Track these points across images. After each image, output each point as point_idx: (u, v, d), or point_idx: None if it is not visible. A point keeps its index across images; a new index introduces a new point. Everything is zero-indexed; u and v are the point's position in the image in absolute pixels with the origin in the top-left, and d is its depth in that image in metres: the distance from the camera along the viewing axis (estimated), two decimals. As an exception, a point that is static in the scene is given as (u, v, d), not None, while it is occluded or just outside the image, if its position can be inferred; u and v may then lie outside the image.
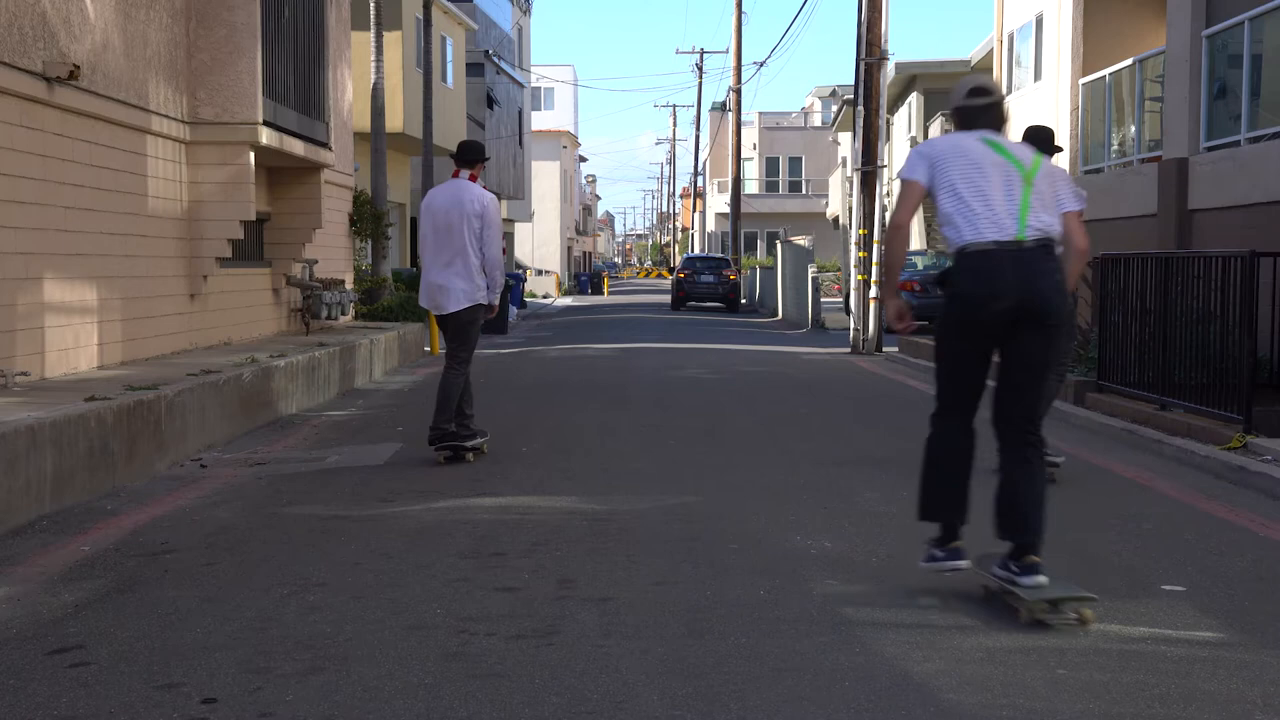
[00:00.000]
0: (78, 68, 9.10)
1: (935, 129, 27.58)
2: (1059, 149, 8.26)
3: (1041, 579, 4.88)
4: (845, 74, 56.30)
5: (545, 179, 59.47)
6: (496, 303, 8.50)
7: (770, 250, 53.68)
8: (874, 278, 19.22)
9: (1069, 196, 5.30)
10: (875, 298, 19.25)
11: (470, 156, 8.47)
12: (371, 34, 22.90)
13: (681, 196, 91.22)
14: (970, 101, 5.21)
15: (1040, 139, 7.93)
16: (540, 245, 58.84)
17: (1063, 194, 5.23)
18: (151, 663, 4.24)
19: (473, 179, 8.48)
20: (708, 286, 37.25)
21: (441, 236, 8.33)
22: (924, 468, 5.20)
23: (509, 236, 48.62)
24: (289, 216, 14.29)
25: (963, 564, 5.11)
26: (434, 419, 8.30)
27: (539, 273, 49.03)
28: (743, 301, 39.73)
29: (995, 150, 5.04)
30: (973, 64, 28.12)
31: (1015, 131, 9.57)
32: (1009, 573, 4.94)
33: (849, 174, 30.03)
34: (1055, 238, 5.02)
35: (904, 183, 5.18)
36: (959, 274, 4.99)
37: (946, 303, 5.11)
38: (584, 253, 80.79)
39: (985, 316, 4.94)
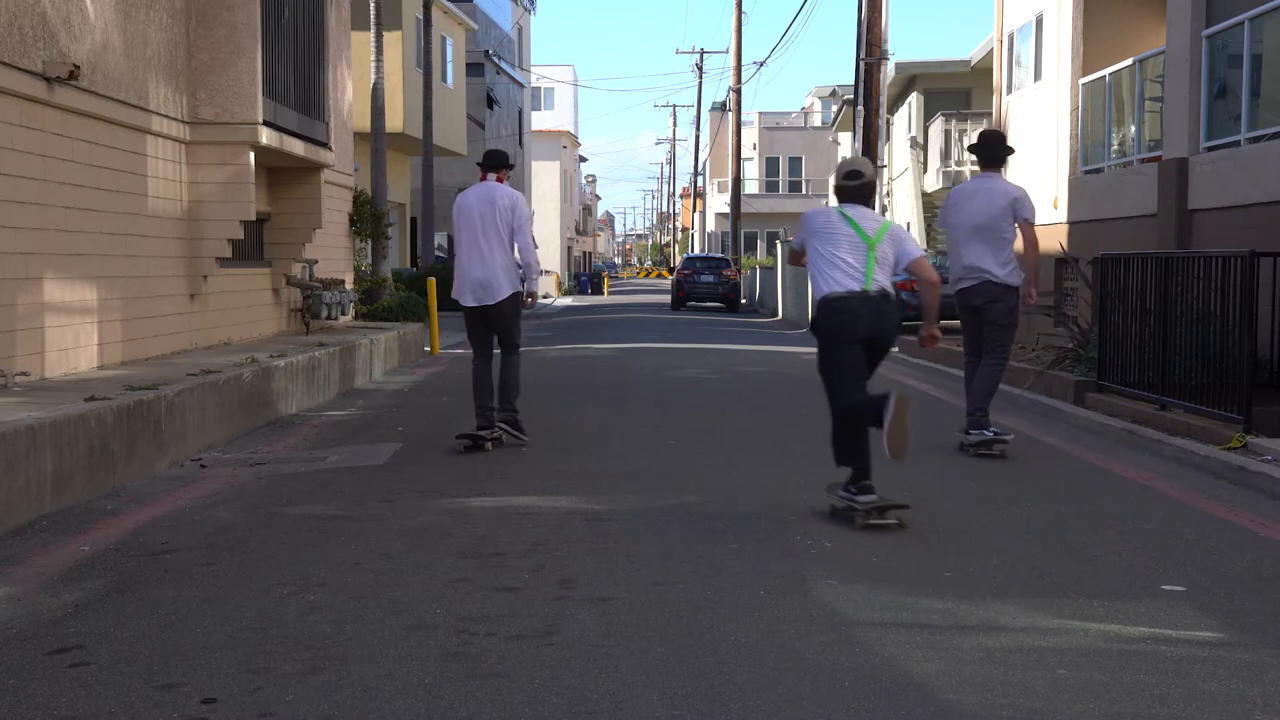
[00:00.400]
0: (78, 68, 9.10)
1: (935, 129, 27.57)
2: (1011, 150, 9.30)
3: (873, 497, 6.49)
4: (845, 74, 56.30)
5: (545, 179, 59.50)
6: (536, 289, 9.26)
7: (770, 250, 53.67)
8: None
9: (914, 248, 6.85)
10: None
11: (496, 162, 9.20)
12: (371, 34, 22.91)
13: (681, 196, 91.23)
14: (846, 183, 6.91)
15: (991, 143, 9.08)
16: (540, 245, 58.76)
17: (908, 248, 6.83)
18: (151, 663, 4.24)
19: (499, 181, 9.16)
20: (708, 286, 37.27)
21: (475, 233, 8.94)
22: (835, 433, 6.76)
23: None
24: (289, 216, 14.29)
25: (871, 498, 6.48)
26: (501, 404, 9.05)
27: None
28: (743, 301, 39.76)
29: (850, 225, 6.76)
30: (973, 64, 28.09)
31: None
32: (849, 494, 6.57)
33: (849, 174, 30.04)
34: (890, 290, 6.75)
35: (792, 251, 7.30)
36: (827, 313, 6.71)
37: (822, 333, 6.77)
38: (584, 253, 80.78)
39: (850, 337, 6.67)
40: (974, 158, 9.17)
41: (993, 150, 8.94)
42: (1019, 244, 8.82)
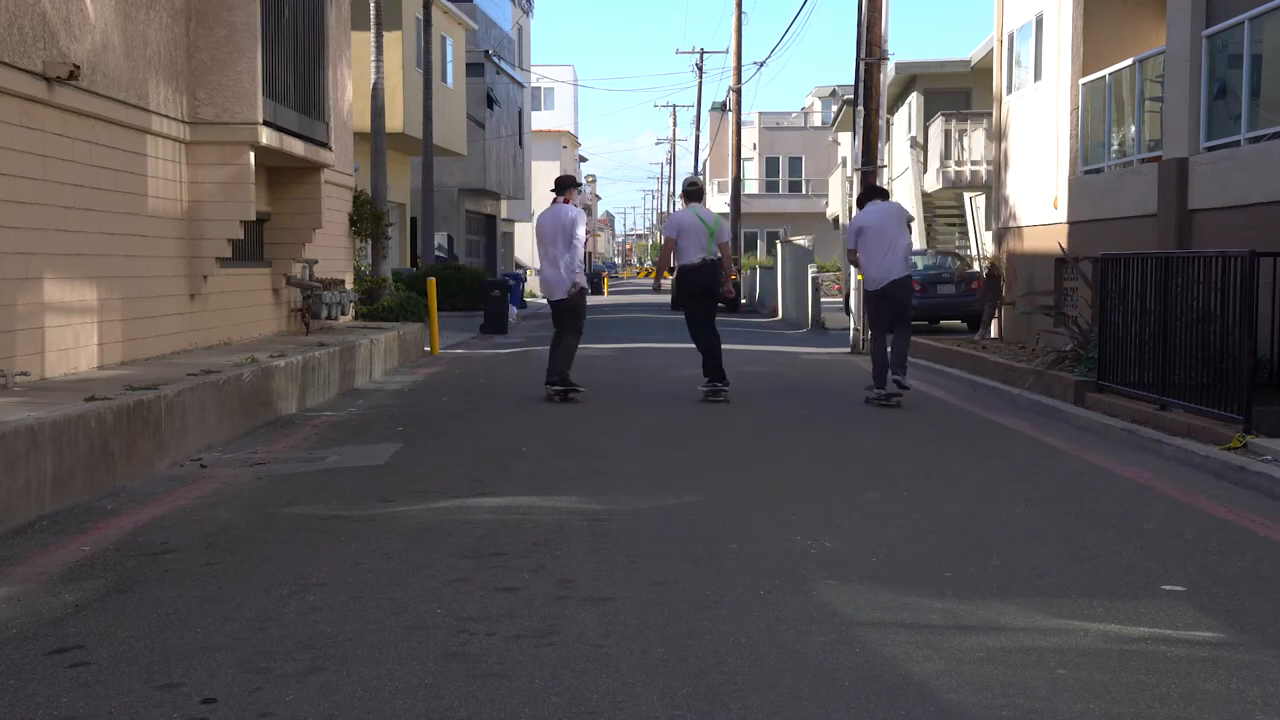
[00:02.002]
0: (78, 68, 9.10)
1: (935, 129, 27.58)
2: (888, 191, 13.48)
3: (714, 387, 11.89)
4: (845, 74, 56.22)
5: (545, 179, 59.30)
6: (575, 283, 11.78)
7: (770, 250, 53.66)
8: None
9: (727, 234, 12.08)
10: (875, 298, 19.20)
11: (563, 187, 12.02)
12: (371, 34, 22.91)
13: (681, 197, 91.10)
14: (690, 189, 12.20)
15: (874, 188, 12.90)
16: (540, 245, 58.66)
17: (726, 233, 12.05)
18: (151, 663, 4.24)
19: (566, 201, 11.88)
20: (707, 286, 37.19)
21: (548, 246, 11.78)
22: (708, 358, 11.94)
23: (508, 236, 48.64)
24: (289, 216, 14.29)
25: (712, 388, 11.97)
26: (553, 368, 11.91)
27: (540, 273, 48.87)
28: (743, 301, 39.72)
29: (700, 220, 11.72)
30: (973, 64, 28.07)
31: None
32: (706, 387, 11.81)
33: (849, 174, 30.03)
34: (716, 258, 11.73)
35: (667, 239, 11.98)
36: (686, 275, 11.79)
37: (680, 288, 11.92)
38: (584, 253, 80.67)
39: (697, 291, 11.82)
40: (873, 199, 12.43)
41: (877, 191, 12.61)
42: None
